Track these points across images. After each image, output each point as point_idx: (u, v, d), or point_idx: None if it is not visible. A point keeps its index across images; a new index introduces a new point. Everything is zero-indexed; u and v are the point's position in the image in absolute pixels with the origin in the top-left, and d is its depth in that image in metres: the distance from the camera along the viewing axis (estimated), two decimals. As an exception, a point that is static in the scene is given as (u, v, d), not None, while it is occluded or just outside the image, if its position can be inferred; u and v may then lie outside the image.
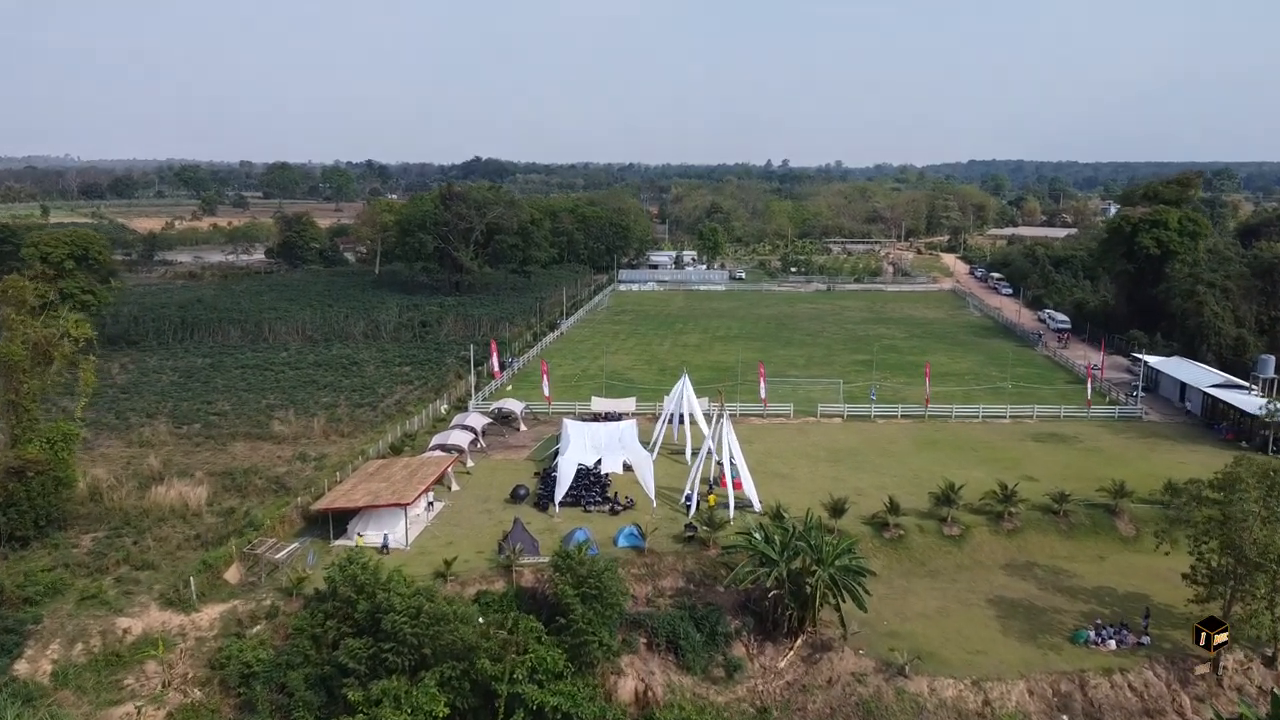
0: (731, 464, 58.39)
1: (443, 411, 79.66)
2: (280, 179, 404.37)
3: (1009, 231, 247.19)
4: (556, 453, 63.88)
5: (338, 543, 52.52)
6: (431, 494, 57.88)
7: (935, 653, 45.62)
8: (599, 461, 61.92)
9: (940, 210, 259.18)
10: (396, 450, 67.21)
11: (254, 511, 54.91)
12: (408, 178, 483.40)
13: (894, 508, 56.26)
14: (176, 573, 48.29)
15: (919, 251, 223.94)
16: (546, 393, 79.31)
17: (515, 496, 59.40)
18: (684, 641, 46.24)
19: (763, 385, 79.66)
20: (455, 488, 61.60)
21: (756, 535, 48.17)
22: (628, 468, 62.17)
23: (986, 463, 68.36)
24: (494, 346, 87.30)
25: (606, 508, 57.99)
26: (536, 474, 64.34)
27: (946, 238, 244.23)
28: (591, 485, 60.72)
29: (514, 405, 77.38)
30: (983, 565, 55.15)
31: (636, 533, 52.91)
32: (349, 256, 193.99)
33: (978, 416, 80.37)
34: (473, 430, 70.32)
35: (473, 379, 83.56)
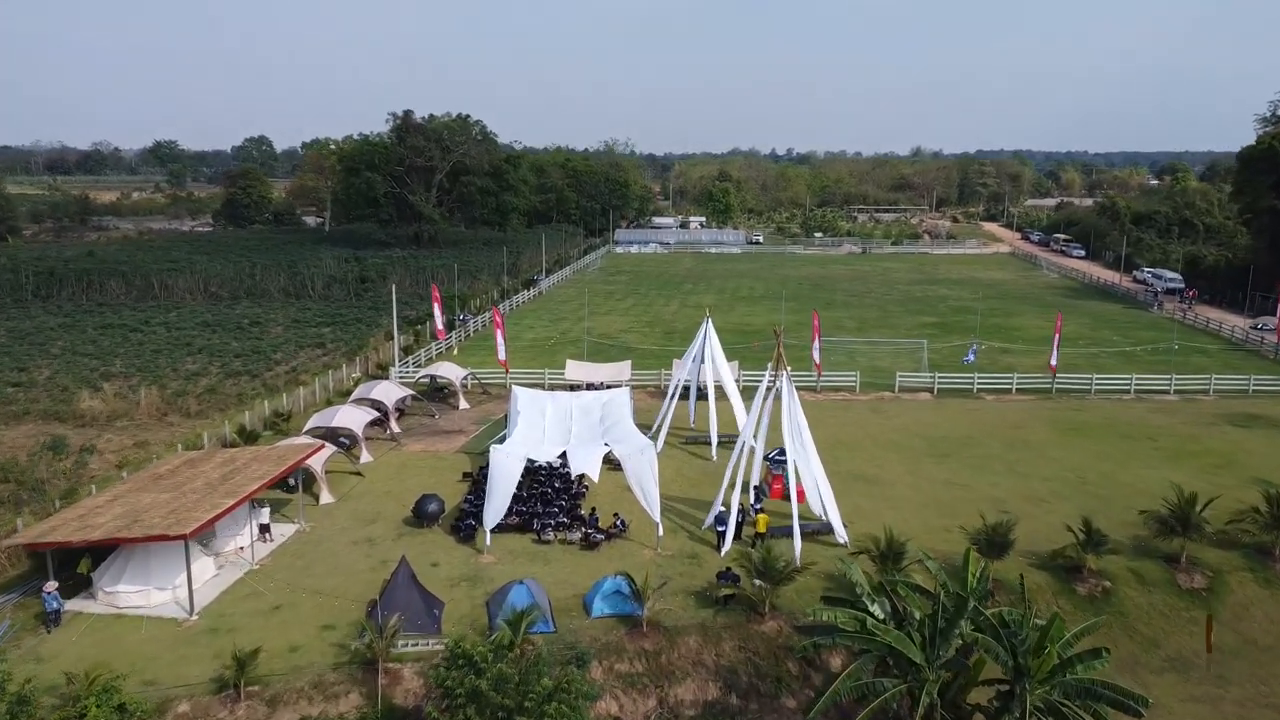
0: (789, 460, 33.50)
1: (351, 381, 54.91)
2: (258, 154, 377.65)
3: (1053, 201, 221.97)
4: (504, 439, 38.82)
5: (78, 606, 27.81)
6: (263, 514, 33.13)
7: None
8: (564, 454, 36.53)
9: (975, 178, 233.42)
10: (249, 437, 42.40)
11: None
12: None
13: (1092, 539, 31.40)
14: None
15: (955, 220, 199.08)
16: (502, 356, 54.41)
17: (421, 514, 34.53)
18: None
19: (817, 345, 54.79)
20: (327, 498, 36.83)
21: (874, 609, 23.31)
22: (614, 465, 36.97)
23: (1179, 458, 43.57)
24: (435, 294, 62.38)
25: (577, 536, 33.19)
26: (468, 475, 39.62)
27: (982, 207, 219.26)
28: (552, 496, 36.01)
29: (451, 373, 52.61)
30: (1261, 646, 30.20)
31: (627, 588, 28.09)
32: (308, 220, 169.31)
33: (1128, 391, 55.53)
34: (379, 408, 45.68)
35: (398, 339, 58.55)
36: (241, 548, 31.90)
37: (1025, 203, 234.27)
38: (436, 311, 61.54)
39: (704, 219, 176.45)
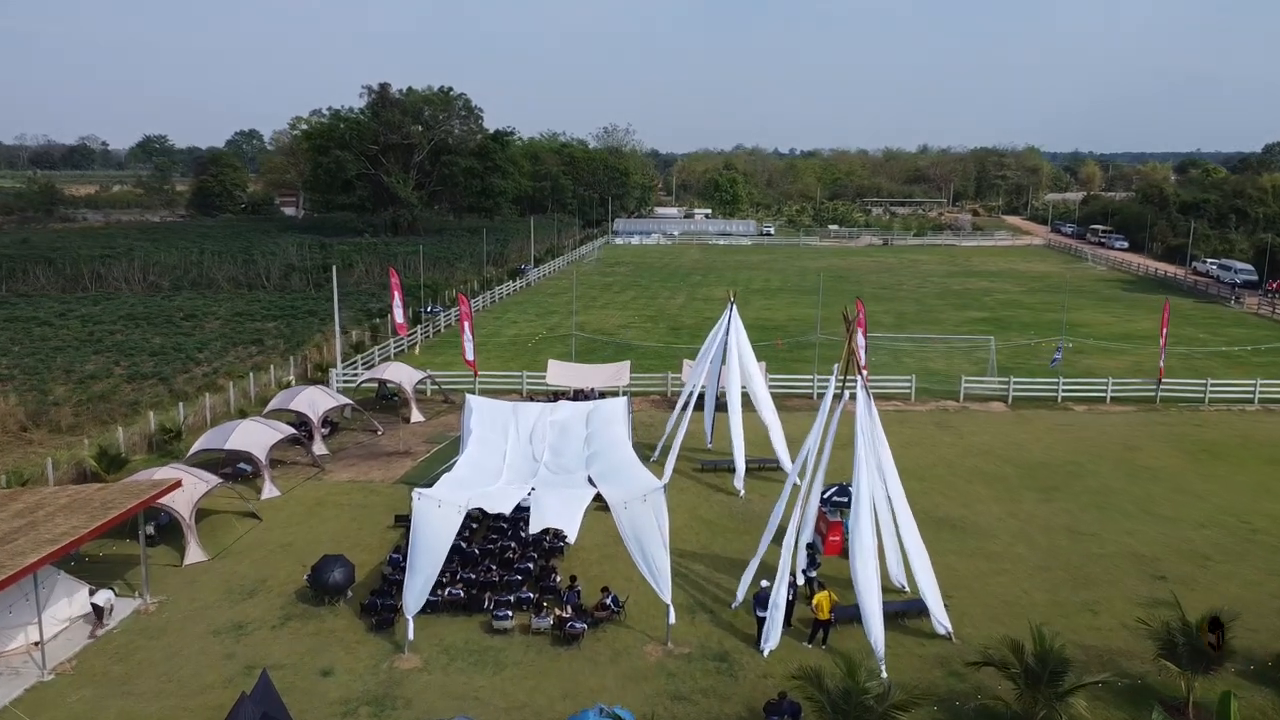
0: (863, 500, 22.60)
1: (278, 386, 44.00)
2: (249, 148, 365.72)
3: (1076, 195, 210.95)
4: (441, 475, 27.54)
5: None
6: (102, 594, 22.27)
7: None
8: (532, 492, 25.20)
9: (993, 170, 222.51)
10: (113, 464, 31.43)
11: None
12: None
13: (1342, 638, 20.42)
14: None
15: (976, 213, 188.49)
16: (469, 355, 43.39)
17: (320, 584, 23.51)
18: None
19: (862, 342, 43.76)
20: (196, 555, 25.91)
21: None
22: (603, 503, 25.61)
23: (1362, 493, 32.64)
24: (395, 281, 51.39)
25: (548, 623, 22.10)
26: (403, 520, 28.54)
27: (1002, 200, 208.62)
28: (515, 555, 25.07)
29: (403, 376, 41.69)
30: None
31: (620, 732, 17.07)
32: (288, 210, 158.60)
33: (1252, 400, 44.58)
34: (299, 424, 34.97)
35: (339, 334, 47.58)
36: (35, 643, 20.99)
37: (1045, 196, 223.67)
38: (396, 302, 50.62)
39: (709, 211, 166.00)
